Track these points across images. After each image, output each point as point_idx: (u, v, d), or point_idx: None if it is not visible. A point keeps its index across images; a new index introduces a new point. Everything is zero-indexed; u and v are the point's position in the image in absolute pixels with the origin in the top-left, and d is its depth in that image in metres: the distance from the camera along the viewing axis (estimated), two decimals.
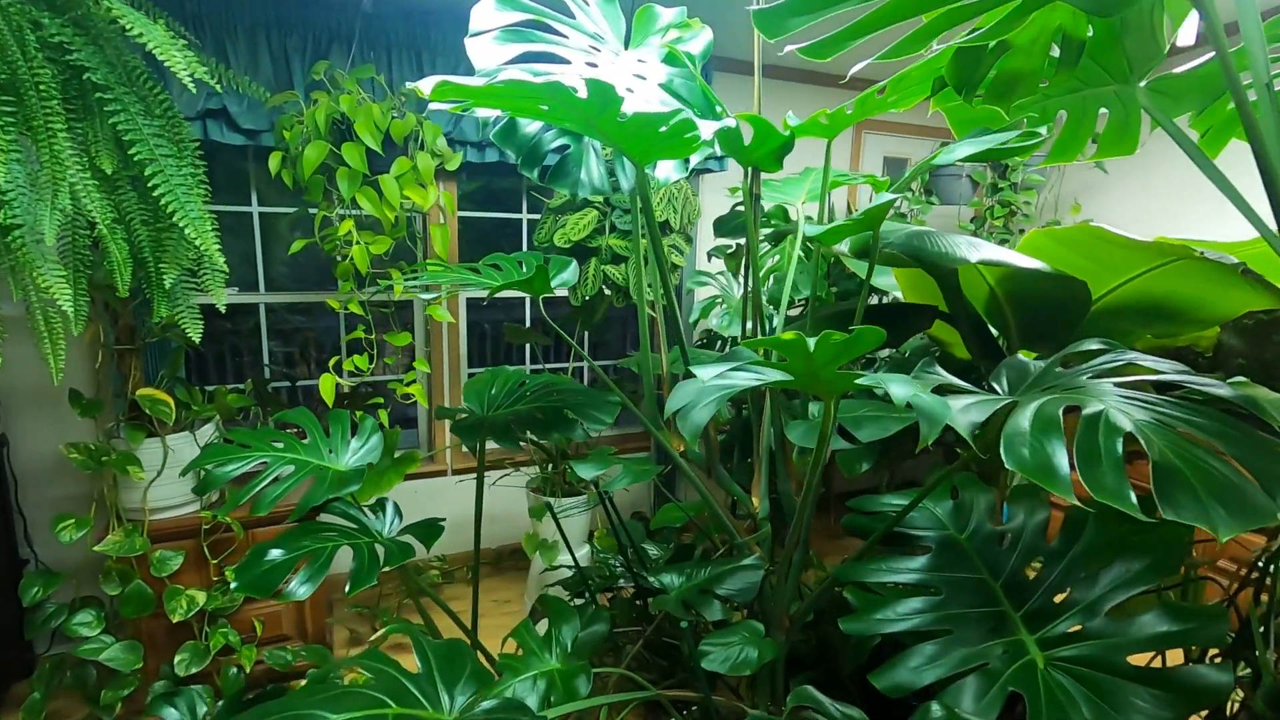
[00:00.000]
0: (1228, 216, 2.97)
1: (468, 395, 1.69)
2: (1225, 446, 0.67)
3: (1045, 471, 0.62)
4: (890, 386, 0.62)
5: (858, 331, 0.63)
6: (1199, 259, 1.23)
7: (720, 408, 0.73)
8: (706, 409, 0.72)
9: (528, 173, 1.06)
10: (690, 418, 0.73)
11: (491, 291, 1.21)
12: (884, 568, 1.04)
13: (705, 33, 1.13)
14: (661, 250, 1.12)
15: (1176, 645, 0.86)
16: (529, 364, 3.37)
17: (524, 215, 3.16)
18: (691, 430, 0.71)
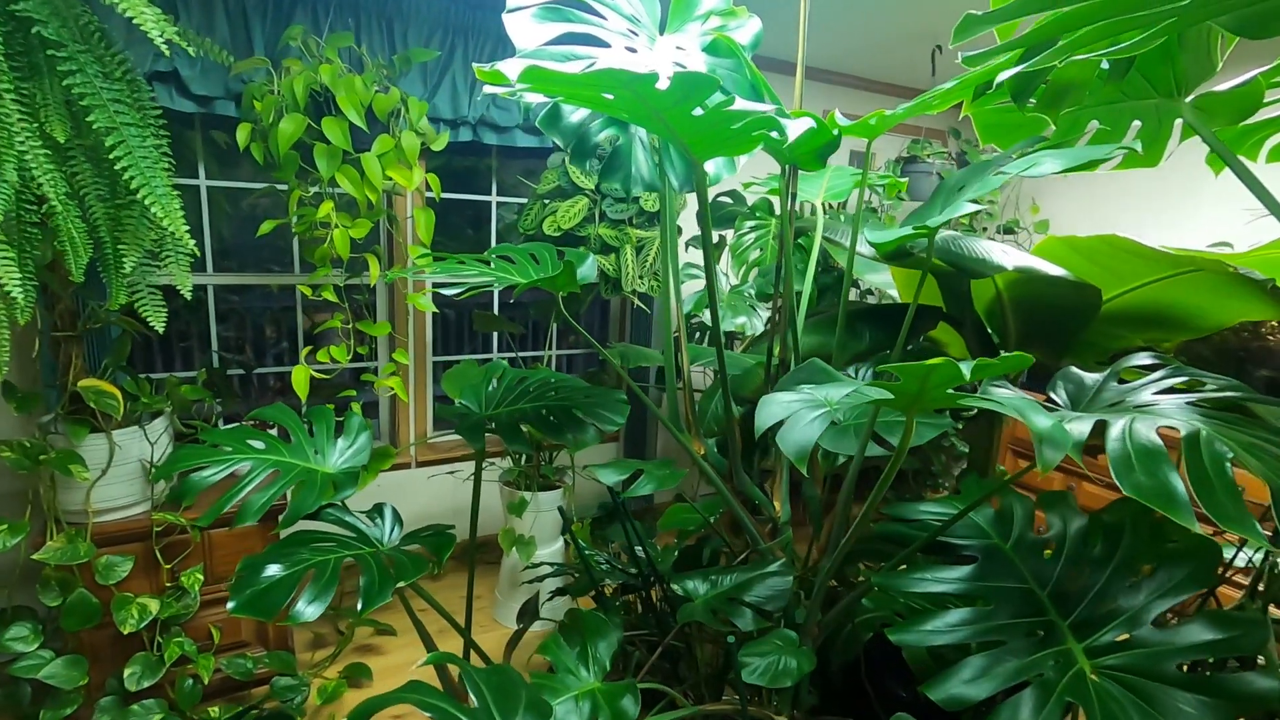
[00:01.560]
0: (1171, 220, 3.14)
1: (461, 392, 1.61)
2: None
3: (1165, 498, 0.62)
4: (1032, 417, 0.60)
5: (1004, 358, 0.60)
6: (1207, 271, 1.27)
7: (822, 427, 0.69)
8: (811, 427, 0.68)
9: (578, 165, 0.99)
10: (791, 438, 0.69)
11: (520, 289, 1.13)
12: (929, 577, 1.03)
13: (753, 21, 1.08)
14: (711, 252, 1.07)
15: (1222, 653, 0.89)
16: (496, 352, 3.26)
17: (493, 198, 3.04)
18: (798, 452, 0.67)
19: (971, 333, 1.63)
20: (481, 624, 2.74)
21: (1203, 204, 2.97)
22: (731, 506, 1.29)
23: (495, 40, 2.56)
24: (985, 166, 1.05)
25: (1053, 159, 0.84)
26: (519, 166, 3.09)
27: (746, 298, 2.21)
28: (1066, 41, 0.65)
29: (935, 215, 1.03)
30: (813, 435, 0.67)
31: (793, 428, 0.69)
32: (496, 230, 3.08)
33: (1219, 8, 0.51)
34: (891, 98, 3.66)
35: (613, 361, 1.35)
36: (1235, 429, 0.72)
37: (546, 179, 2.15)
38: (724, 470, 1.36)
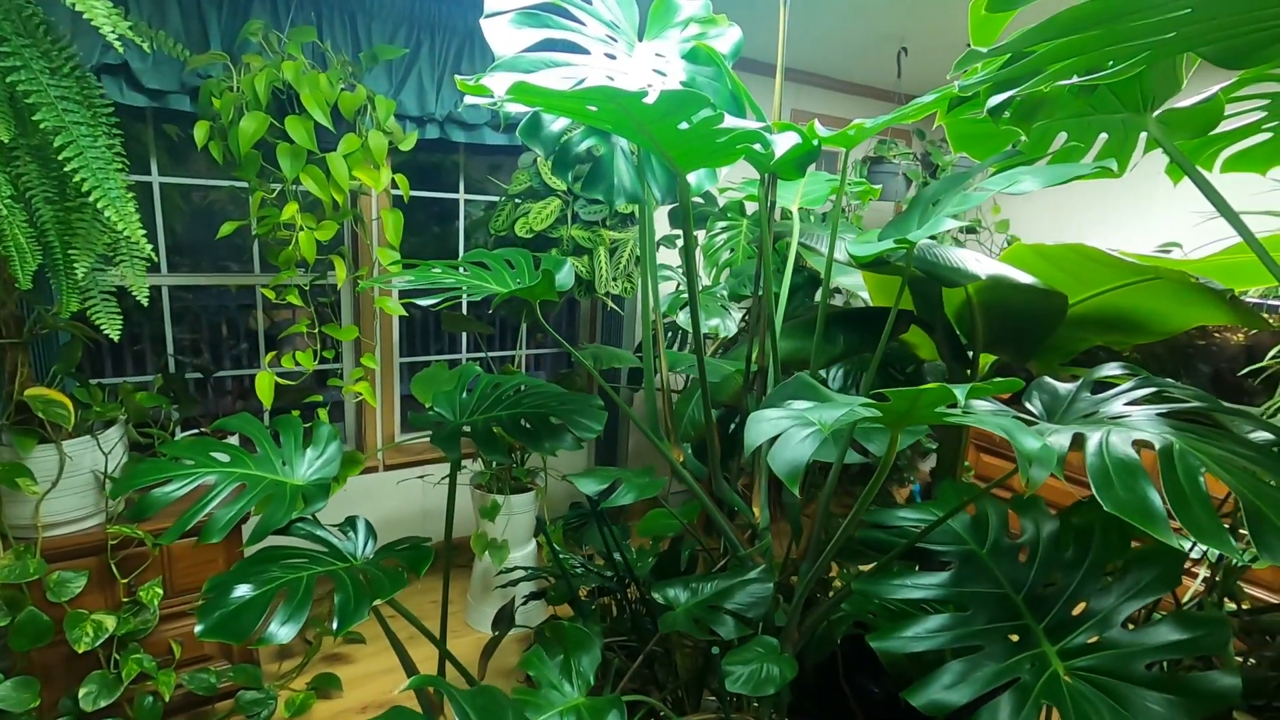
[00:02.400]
0: (1124, 222, 3.25)
1: (434, 399, 1.57)
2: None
3: (1144, 514, 0.63)
4: (1020, 439, 0.61)
5: (997, 382, 0.61)
6: (1168, 280, 1.32)
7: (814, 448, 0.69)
8: (803, 445, 0.68)
9: (561, 177, 0.97)
10: (783, 458, 0.69)
11: (499, 300, 1.11)
12: (908, 584, 1.05)
13: (733, 30, 1.07)
14: (693, 261, 1.06)
15: (1188, 652, 0.92)
16: (465, 352, 3.21)
17: (461, 196, 2.99)
18: (790, 471, 0.67)
19: (941, 335, 1.66)
20: (454, 629, 2.70)
21: (1154, 207, 3.08)
22: (711, 513, 1.29)
23: (463, 36, 2.51)
24: (959, 179, 1.06)
25: (1031, 178, 0.85)
26: (487, 163, 3.04)
27: (719, 299, 2.22)
28: (1053, 69, 0.66)
29: (914, 228, 1.04)
30: (805, 454, 0.67)
31: (784, 447, 0.69)
32: (464, 227, 3.03)
33: (1200, 40, 0.53)
34: (858, 98, 3.70)
35: (588, 365, 1.34)
36: (1206, 441, 0.75)
37: (518, 179, 2.12)
38: (702, 476, 1.36)
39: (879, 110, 3.78)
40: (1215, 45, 0.53)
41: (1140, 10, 0.47)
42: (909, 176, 3.29)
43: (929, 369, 2.81)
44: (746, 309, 2.72)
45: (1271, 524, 0.62)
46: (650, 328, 1.27)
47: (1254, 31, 0.53)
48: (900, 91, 3.65)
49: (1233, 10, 0.48)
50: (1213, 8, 0.46)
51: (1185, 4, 0.45)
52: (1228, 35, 0.51)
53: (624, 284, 2.16)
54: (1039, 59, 0.66)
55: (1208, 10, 0.46)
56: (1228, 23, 0.49)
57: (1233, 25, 0.49)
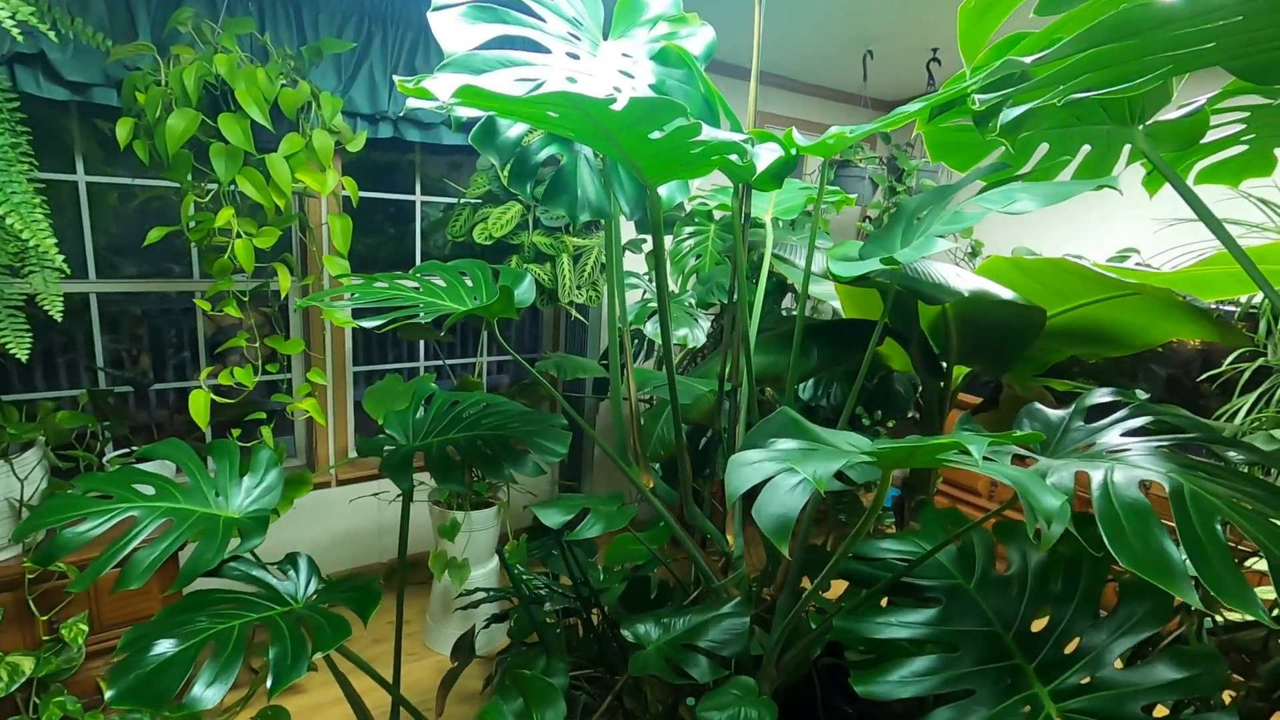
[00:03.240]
0: (1084, 228, 3.29)
1: (385, 419, 1.47)
2: None
3: (1164, 571, 0.58)
4: (1039, 496, 0.55)
5: (1018, 435, 0.54)
6: (1146, 295, 1.29)
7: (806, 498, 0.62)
8: (793, 496, 0.60)
9: (518, 189, 0.88)
10: (770, 511, 0.61)
11: (454, 319, 1.01)
12: (893, 621, 0.99)
13: (705, 30, 1.00)
14: (665, 278, 0.98)
15: (1184, 693, 0.88)
16: (423, 360, 3.08)
17: (417, 197, 2.86)
18: (779, 527, 0.59)
19: (916, 348, 1.62)
20: (412, 651, 2.58)
21: (1113, 214, 3.12)
22: (683, 542, 1.21)
23: (418, 29, 2.39)
24: (944, 193, 1.01)
25: (1029, 197, 0.80)
26: (445, 163, 2.92)
27: (687, 307, 2.15)
28: (1065, 86, 0.60)
29: (898, 243, 0.98)
30: (795, 506, 0.60)
31: (772, 498, 0.62)
32: (421, 229, 2.90)
33: (1236, 53, 0.47)
34: (823, 101, 3.68)
35: (545, 385, 1.25)
36: (1214, 480, 0.70)
37: (476, 183, 2.01)
38: (673, 501, 1.29)
39: (845, 113, 3.76)
40: (1249, 59, 0.47)
41: (1179, 20, 0.41)
42: (875, 181, 3.27)
43: (897, 379, 2.78)
44: (714, 315, 2.66)
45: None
46: (618, 344, 1.19)
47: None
48: (866, 95, 3.63)
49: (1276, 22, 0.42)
50: (1262, 18, 0.40)
51: (1235, 10, 0.39)
52: (1267, 49, 0.45)
53: (589, 292, 2.07)
54: (1056, 74, 0.59)
55: (1256, 21, 0.41)
56: (1270, 34, 0.43)
57: (1273, 37, 0.44)
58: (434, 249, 2.94)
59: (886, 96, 3.73)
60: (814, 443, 0.70)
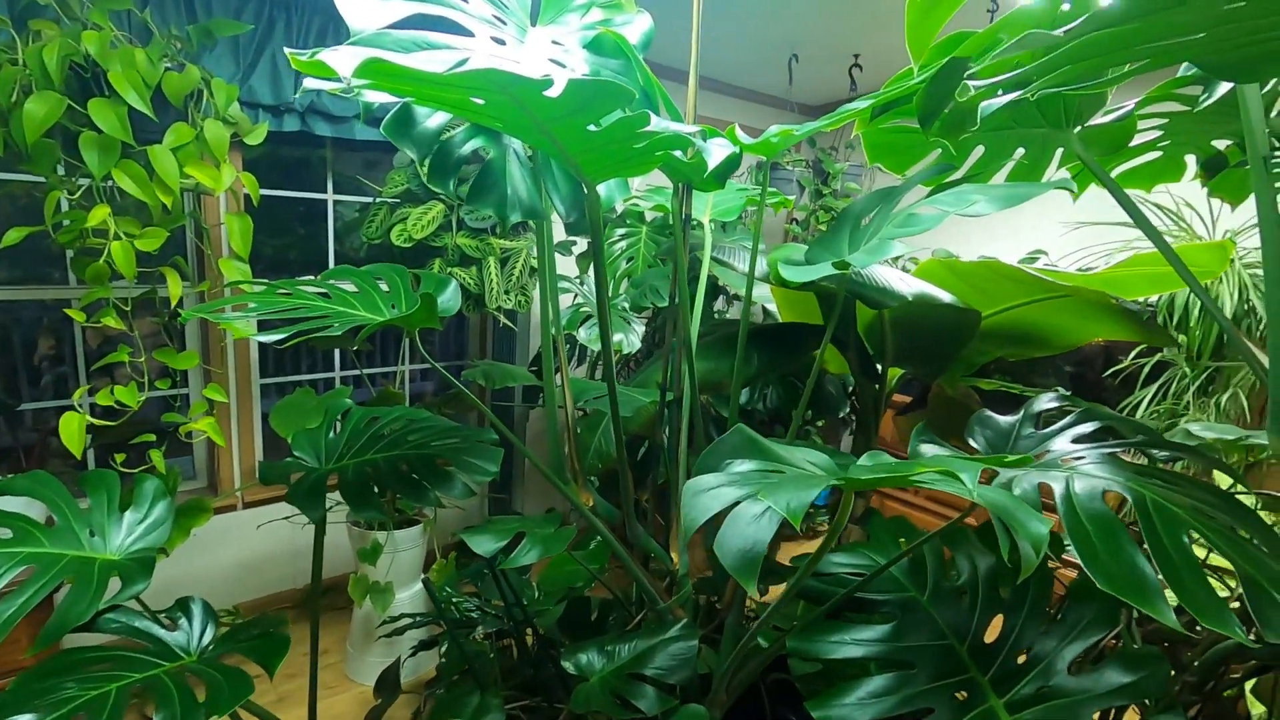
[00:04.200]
0: (995, 231, 3.44)
1: (294, 440, 1.33)
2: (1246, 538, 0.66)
3: (1140, 591, 0.55)
4: (1027, 524, 0.51)
5: (1004, 459, 0.50)
6: (1076, 297, 1.31)
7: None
8: (758, 526, 0.54)
9: (440, 186, 0.78)
10: (734, 545, 0.54)
11: (369, 330, 0.90)
12: (847, 639, 0.95)
13: (643, 17, 0.93)
14: (605, 284, 0.91)
15: (1132, 697, 0.87)
16: (339, 371, 2.88)
17: (329, 196, 2.67)
18: (745, 563, 0.53)
19: (854, 351, 1.61)
20: (331, 684, 2.40)
21: (1022, 217, 3.26)
22: (626, 564, 1.14)
23: (326, 14, 2.22)
24: (888, 196, 0.98)
25: (985, 200, 0.78)
26: (360, 160, 2.74)
27: (620, 311, 2.08)
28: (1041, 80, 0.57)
29: (844, 247, 0.95)
30: (763, 539, 0.54)
31: (735, 529, 0.56)
32: (335, 230, 2.71)
33: (1220, 47, 0.44)
34: (750, 103, 3.69)
35: (475, 401, 1.16)
36: (1169, 488, 0.69)
37: (393, 181, 1.88)
38: (614, 519, 1.21)
39: (773, 117, 3.79)
40: (1231, 54, 0.45)
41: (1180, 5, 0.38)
42: (802, 183, 3.31)
43: (828, 380, 2.80)
44: (647, 319, 2.61)
45: (1271, 598, 0.55)
46: (551, 352, 1.11)
47: (1263, 41, 0.45)
48: (793, 100, 3.67)
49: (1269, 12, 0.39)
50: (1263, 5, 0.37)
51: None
52: (1249, 42, 0.43)
53: (517, 297, 1.97)
54: (1036, 69, 0.56)
55: (1257, 9, 0.37)
56: (1262, 25, 0.40)
57: (1261, 30, 0.41)
58: (349, 251, 2.76)
59: (812, 101, 3.78)
60: (772, 463, 0.65)
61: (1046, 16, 0.90)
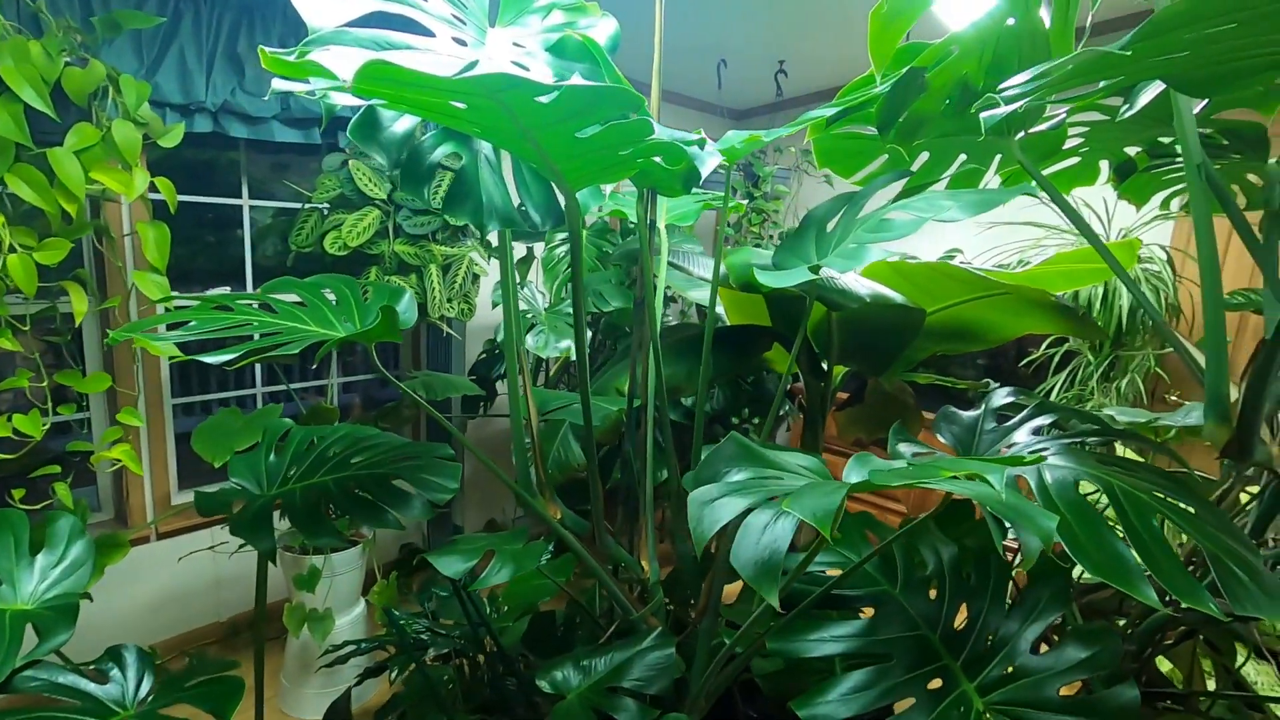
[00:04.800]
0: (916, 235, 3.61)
1: (232, 466, 1.24)
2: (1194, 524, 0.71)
3: (1125, 575, 0.59)
4: (1039, 521, 0.53)
5: (1010, 459, 0.51)
6: (1013, 295, 1.39)
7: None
8: (775, 533, 0.54)
9: (414, 194, 0.74)
10: (749, 555, 0.54)
11: (328, 348, 0.85)
12: (826, 637, 0.97)
13: (608, 21, 0.91)
14: (582, 297, 0.88)
15: (1090, 670, 0.93)
16: (260, 387, 2.71)
17: (244, 201, 2.51)
18: (765, 573, 0.52)
19: (804, 350, 1.64)
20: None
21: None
22: (599, 576, 1.12)
23: (239, 9, 2.08)
24: (853, 201, 1.01)
25: (957, 206, 0.81)
26: (276, 161, 2.59)
27: (565, 316, 2.05)
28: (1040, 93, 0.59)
29: (814, 253, 0.97)
30: (781, 546, 0.54)
31: (749, 539, 0.55)
32: (251, 237, 2.55)
33: (1173, 69, 0.48)
34: (683, 108, 3.73)
35: (439, 417, 1.11)
36: (1130, 474, 0.73)
37: (324, 185, 1.78)
38: (583, 531, 1.19)
39: (703, 121, 3.83)
40: (1204, 71, 0.48)
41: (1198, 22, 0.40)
42: (735, 187, 3.36)
43: (768, 379, 2.86)
44: (590, 324, 2.58)
45: (1238, 577, 0.60)
46: (516, 363, 1.07)
47: (1237, 59, 0.48)
48: (723, 105, 3.73)
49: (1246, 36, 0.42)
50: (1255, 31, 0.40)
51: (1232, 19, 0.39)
52: (1223, 62, 0.46)
53: (460, 305, 1.91)
54: (1037, 91, 0.58)
55: (1237, 33, 0.40)
56: (1239, 46, 0.44)
57: (1237, 50, 0.45)
58: (263, 259, 2.59)
59: (739, 106, 3.86)
60: (770, 470, 0.65)
61: (993, 33, 0.95)
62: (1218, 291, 0.76)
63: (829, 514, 0.48)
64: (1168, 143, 1.30)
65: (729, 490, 0.61)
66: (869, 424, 2.09)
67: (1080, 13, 0.89)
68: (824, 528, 0.47)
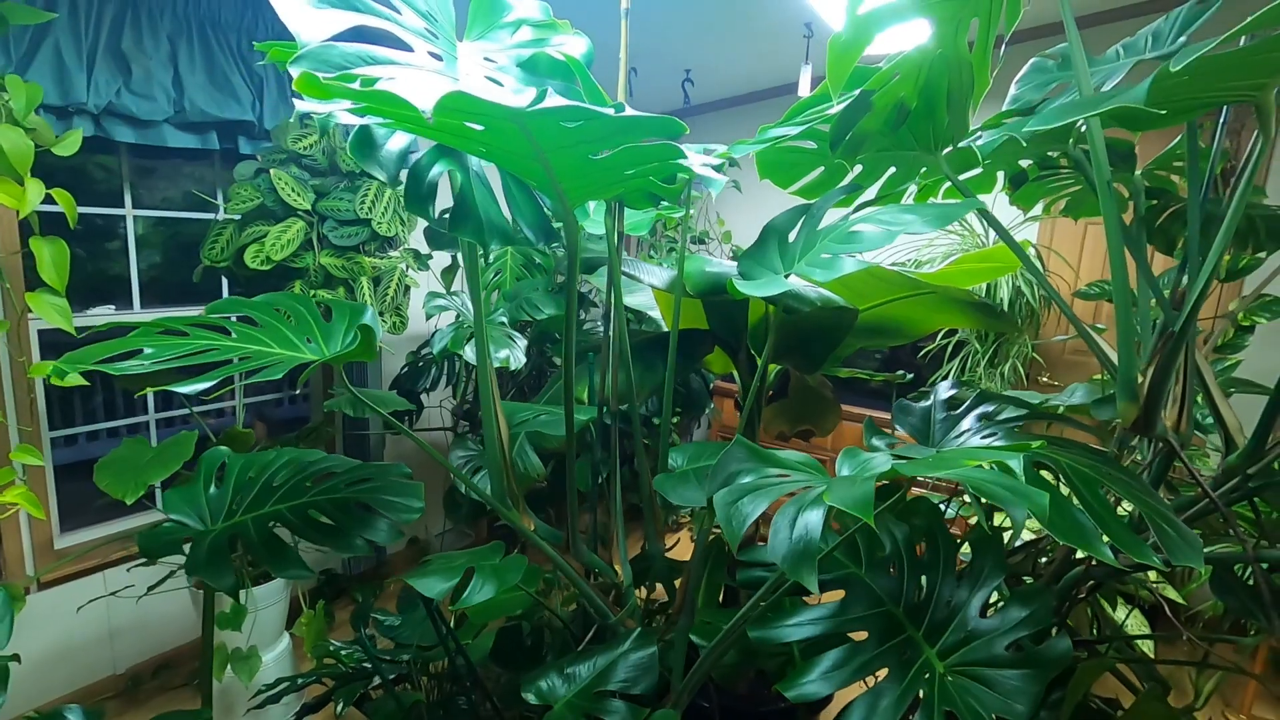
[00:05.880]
0: None
1: (166, 501, 1.15)
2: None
3: (1088, 540, 0.68)
4: (1030, 497, 0.60)
5: (1021, 445, 0.58)
6: (930, 293, 1.52)
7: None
8: (807, 522, 0.58)
9: (419, 212, 0.72)
10: (784, 549, 0.58)
11: (310, 371, 0.81)
12: (804, 620, 1.03)
13: (580, 39, 0.93)
14: (574, 307, 0.89)
15: (1031, 626, 1.05)
16: (153, 413, 2.48)
17: (128, 211, 2.29)
18: (800, 559, 0.56)
19: (744, 352, 1.72)
20: None
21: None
22: (575, 583, 1.14)
23: (121, 1, 1.91)
24: (811, 213, 1.08)
25: (920, 220, 0.89)
26: (162, 166, 2.38)
27: (501, 327, 2.03)
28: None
29: (780, 263, 1.03)
30: (815, 536, 0.58)
31: (782, 533, 0.59)
32: (137, 250, 2.33)
33: (1132, 106, 0.57)
34: None
35: (413, 436, 1.08)
36: (1072, 453, 0.84)
37: (239, 195, 1.66)
38: (556, 541, 1.20)
39: None
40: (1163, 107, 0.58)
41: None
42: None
43: (694, 379, 2.94)
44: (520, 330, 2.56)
45: (1168, 534, 0.71)
46: (490, 381, 1.06)
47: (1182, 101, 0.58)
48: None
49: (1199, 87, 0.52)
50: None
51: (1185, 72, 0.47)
52: (1179, 100, 0.56)
53: (392, 319, 1.84)
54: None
55: (1194, 79, 0.49)
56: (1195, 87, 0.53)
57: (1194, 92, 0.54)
58: (145, 274, 2.38)
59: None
60: (777, 468, 0.70)
61: (926, 59, 1.05)
62: (1126, 289, 0.88)
63: (866, 501, 0.53)
64: (1054, 156, 1.48)
65: (747, 490, 0.65)
66: (792, 418, 2.22)
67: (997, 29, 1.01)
68: (864, 514, 0.52)
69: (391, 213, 1.76)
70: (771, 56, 3.24)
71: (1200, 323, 1.52)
